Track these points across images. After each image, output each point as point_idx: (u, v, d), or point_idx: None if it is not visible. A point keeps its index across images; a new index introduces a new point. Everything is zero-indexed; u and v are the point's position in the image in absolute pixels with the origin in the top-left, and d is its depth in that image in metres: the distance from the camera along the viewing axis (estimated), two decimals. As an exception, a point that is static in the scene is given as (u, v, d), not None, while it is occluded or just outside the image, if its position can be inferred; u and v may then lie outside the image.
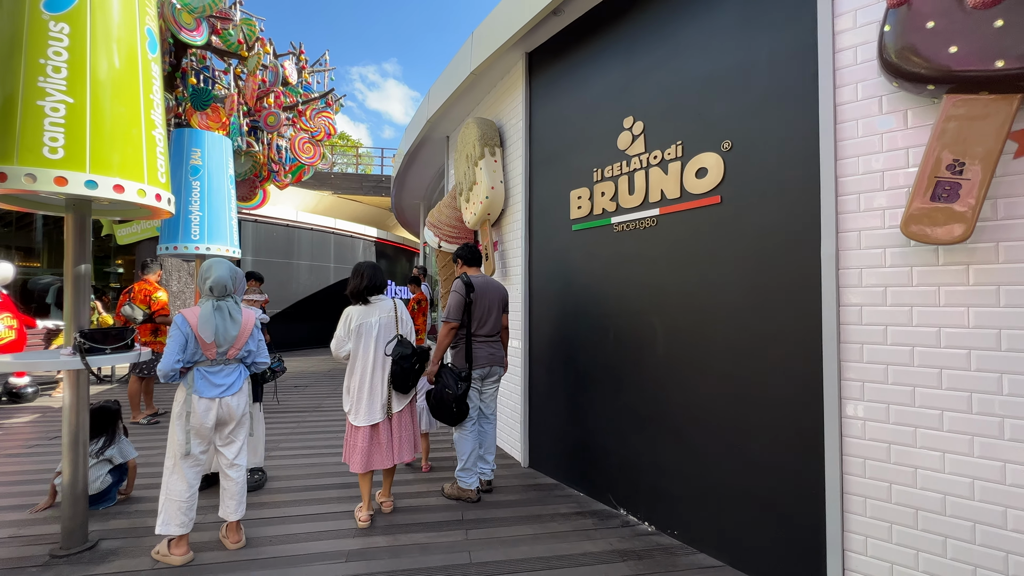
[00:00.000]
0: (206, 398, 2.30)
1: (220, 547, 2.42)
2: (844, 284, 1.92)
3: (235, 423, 2.41)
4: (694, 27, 2.56)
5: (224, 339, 2.35)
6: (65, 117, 2.13)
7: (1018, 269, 1.57)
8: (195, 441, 2.29)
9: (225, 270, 2.41)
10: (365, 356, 2.72)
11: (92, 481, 2.70)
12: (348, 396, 2.75)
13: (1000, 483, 1.58)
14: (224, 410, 2.35)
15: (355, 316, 2.73)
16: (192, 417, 2.27)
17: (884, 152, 1.83)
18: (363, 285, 2.74)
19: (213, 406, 2.31)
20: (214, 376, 2.34)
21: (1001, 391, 1.59)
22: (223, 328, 2.34)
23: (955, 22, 1.56)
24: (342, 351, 2.73)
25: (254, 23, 6.26)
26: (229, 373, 2.39)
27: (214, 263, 2.40)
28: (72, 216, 2.43)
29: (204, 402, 2.30)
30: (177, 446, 2.27)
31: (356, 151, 23.46)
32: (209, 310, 2.33)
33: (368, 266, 2.78)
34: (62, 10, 2.17)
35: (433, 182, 8.25)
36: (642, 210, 2.80)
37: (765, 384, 2.19)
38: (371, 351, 2.72)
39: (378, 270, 2.82)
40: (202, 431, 2.30)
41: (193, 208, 5.20)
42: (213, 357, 2.34)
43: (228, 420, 2.38)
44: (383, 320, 2.76)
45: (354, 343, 2.71)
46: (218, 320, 2.33)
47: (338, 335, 2.74)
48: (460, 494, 3.03)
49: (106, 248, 10.56)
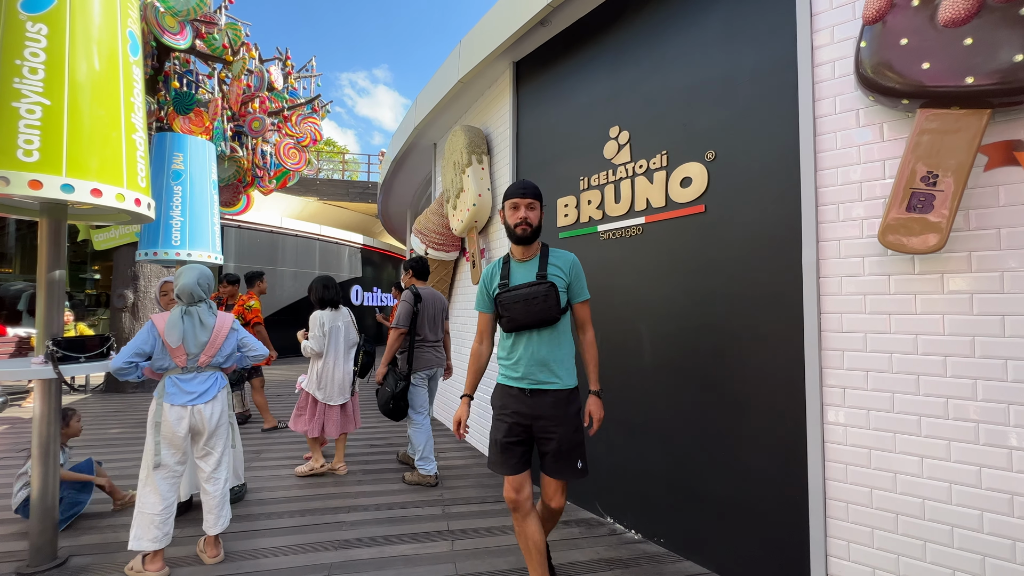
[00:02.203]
0: (177, 405, 2.23)
1: (198, 562, 2.34)
2: (824, 292, 1.96)
3: (210, 433, 2.33)
4: (679, 40, 2.61)
5: (194, 345, 2.29)
6: (41, 119, 2.08)
7: (990, 278, 1.62)
8: (168, 451, 2.21)
9: (192, 276, 2.34)
10: (336, 351, 3.54)
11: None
12: (318, 382, 3.51)
13: (976, 487, 1.62)
14: (197, 418, 2.27)
15: (327, 320, 3.53)
16: (163, 426, 2.20)
17: (861, 164, 1.88)
18: (328, 295, 3.54)
19: (185, 414, 2.24)
20: (186, 383, 2.28)
21: (975, 396, 1.63)
22: (192, 334, 2.29)
23: (927, 39, 1.62)
24: (321, 348, 3.48)
25: (239, 28, 6.21)
26: (203, 381, 2.32)
27: (183, 270, 2.37)
28: (47, 220, 2.36)
29: (175, 410, 2.22)
30: (150, 457, 2.20)
31: (343, 157, 23.34)
32: (177, 316, 2.29)
33: (327, 279, 3.60)
34: (40, 11, 2.12)
35: (420, 189, 8.23)
36: (628, 218, 2.83)
37: (749, 391, 2.21)
38: (341, 347, 3.58)
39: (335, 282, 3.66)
40: (175, 440, 2.22)
41: (174, 213, 5.11)
42: (184, 364, 2.28)
43: (202, 429, 2.30)
44: (346, 323, 3.64)
45: (327, 341, 3.51)
46: (187, 326, 2.28)
47: (317, 336, 3.49)
48: (421, 480, 3.42)
49: (82, 254, 10.29)
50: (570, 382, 1.94)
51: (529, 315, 1.86)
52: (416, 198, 8.89)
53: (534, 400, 1.89)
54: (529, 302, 1.85)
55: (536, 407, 1.89)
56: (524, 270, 1.95)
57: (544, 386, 1.89)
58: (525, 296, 1.86)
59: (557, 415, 1.88)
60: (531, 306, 1.85)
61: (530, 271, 1.93)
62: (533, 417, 1.89)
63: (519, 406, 1.91)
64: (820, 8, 2.00)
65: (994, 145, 1.61)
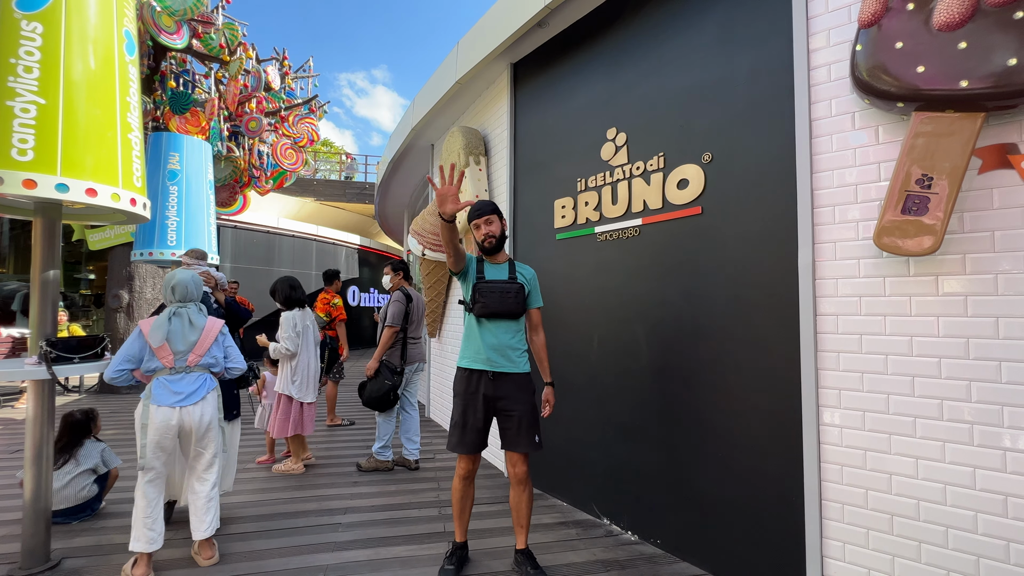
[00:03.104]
0: (164, 407, 2.20)
1: (192, 564, 2.33)
2: (820, 294, 1.97)
3: (200, 435, 2.30)
4: (676, 43, 2.62)
5: (182, 343, 2.29)
6: (36, 118, 2.06)
7: (984, 280, 1.63)
8: (155, 453, 2.19)
9: (188, 274, 2.42)
10: (308, 350, 3.67)
11: (78, 491, 2.74)
12: (296, 381, 3.58)
13: (971, 488, 1.63)
14: (185, 420, 2.24)
15: (298, 320, 3.64)
16: (150, 428, 2.18)
17: (857, 166, 1.89)
18: (296, 295, 3.66)
19: (173, 415, 2.21)
20: (173, 384, 2.26)
21: (970, 398, 1.64)
22: (180, 333, 2.29)
23: (922, 43, 1.63)
24: (297, 348, 3.58)
25: (236, 28, 6.20)
26: (192, 382, 2.30)
27: (177, 270, 2.45)
28: (41, 220, 2.35)
29: (162, 411, 2.20)
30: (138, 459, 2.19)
31: (340, 158, 23.29)
32: (164, 317, 2.29)
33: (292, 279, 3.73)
34: (35, 9, 2.11)
35: (417, 190, 8.23)
36: (625, 220, 2.83)
37: (746, 392, 2.22)
38: (311, 345, 3.71)
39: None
40: (162, 442, 2.20)
41: (170, 213, 5.09)
42: (171, 365, 2.27)
43: (190, 431, 2.27)
44: (312, 321, 3.80)
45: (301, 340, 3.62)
46: (174, 325, 2.29)
47: (292, 336, 3.56)
48: (378, 465, 3.72)
49: (77, 254, 10.23)
50: (525, 368, 2.30)
51: (503, 305, 2.22)
52: (413, 199, 8.88)
53: (497, 382, 2.24)
54: (504, 294, 2.23)
55: (499, 389, 2.23)
56: (496, 270, 2.33)
57: (505, 369, 2.24)
58: (501, 289, 2.24)
59: (518, 395, 2.24)
60: (505, 297, 2.23)
61: (501, 272, 2.32)
62: (496, 398, 2.24)
63: (486, 388, 2.24)
64: (816, 11, 2.01)
65: (988, 148, 1.62)
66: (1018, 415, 1.55)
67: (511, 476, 2.28)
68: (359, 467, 3.74)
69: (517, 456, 2.26)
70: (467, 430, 2.23)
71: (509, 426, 2.23)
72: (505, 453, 2.30)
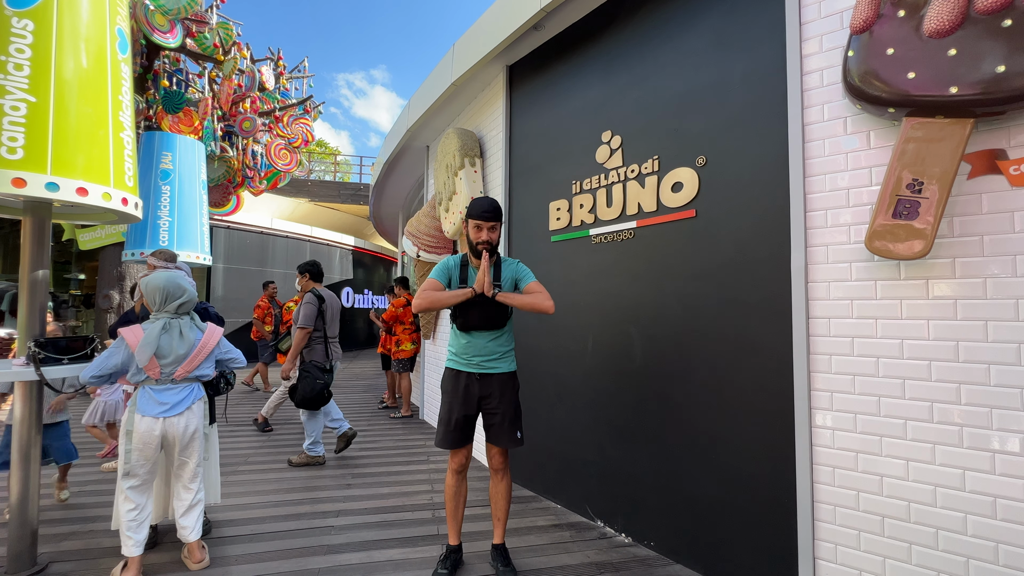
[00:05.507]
0: (149, 416, 2.18)
1: (182, 568, 2.30)
2: (813, 297, 1.98)
3: (183, 445, 2.27)
4: (671, 47, 2.63)
5: (171, 357, 2.23)
6: (26, 116, 2.04)
7: (974, 284, 1.65)
8: (138, 461, 2.18)
9: (173, 278, 2.32)
10: None
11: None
12: None
13: (960, 490, 1.64)
14: (168, 430, 2.21)
15: None
16: (134, 436, 2.16)
17: (849, 170, 1.91)
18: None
19: (156, 426, 2.18)
20: (159, 394, 2.23)
21: (959, 400, 1.65)
22: (168, 347, 2.23)
23: (913, 49, 1.65)
24: None
25: (231, 27, 6.16)
26: (178, 392, 2.26)
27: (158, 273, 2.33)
28: (30, 219, 2.32)
29: (147, 421, 2.17)
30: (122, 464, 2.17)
31: (335, 159, 23.21)
32: (155, 331, 2.21)
33: None
34: (26, 6, 2.09)
35: (412, 191, 8.21)
36: (620, 222, 2.84)
37: (739, 395, 2.23)
38: None
39: None
40: (145, 451, 2.18)
41: (162, 213, 5.05)
42: (157, 377, 2.23)
43: (174, 441, 2.24)
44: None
45: None
46: (163, 340, 2.22)
47: None
48: (310, 460, 3.81)
49: (67, 254, 10.11)
50: (511, 368, 2.36)
51: (484, 322, 2.25)
52: (408, 200, 8.87)
53: (483, 382, 2.30)
54: (484, 308, 2.23)
55: (485, 388, 2.30)
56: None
57: (490, 371, 2.30)
58: (482, 303, 2.23)
59: (502, 394, 2.30)
60: (485, 311, 2.24)
61: None
62: (482, 397, 2.30)
63: (471, 387, 2.29)
64: (809, 17, 2.03)
65: (977, 154, 1.64)
66: (1007, 417, 1.57)
67: (490, 466, 2.36)
68: (290, 463, 3.82)
69: (497, 450, 2.33)
70: (453, 426, 2.28)
71: (493, 422, 2.30)
72: (487, 446, 2.36)
